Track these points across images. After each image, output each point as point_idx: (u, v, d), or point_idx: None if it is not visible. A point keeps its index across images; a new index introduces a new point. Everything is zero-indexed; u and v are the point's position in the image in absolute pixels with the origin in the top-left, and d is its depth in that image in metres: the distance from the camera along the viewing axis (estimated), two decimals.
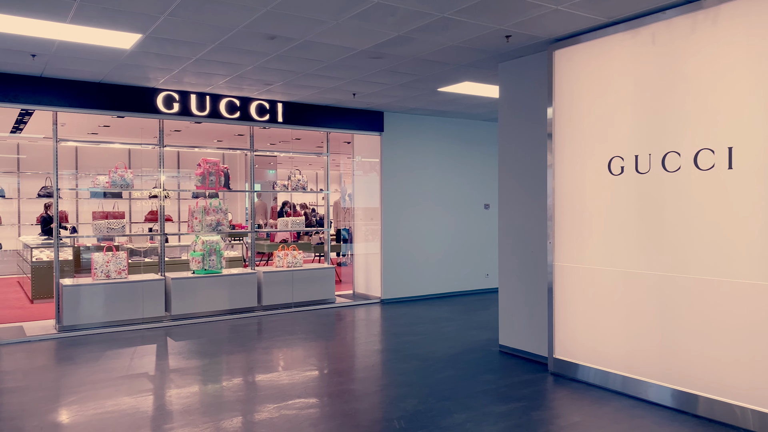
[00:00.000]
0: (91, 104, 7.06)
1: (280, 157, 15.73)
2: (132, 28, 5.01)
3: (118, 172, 7.61)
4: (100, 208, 13.34)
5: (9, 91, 6.54)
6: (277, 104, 8.25)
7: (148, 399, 4.76)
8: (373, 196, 9.43)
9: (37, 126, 9.58)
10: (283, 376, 5.39)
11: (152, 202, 13.12)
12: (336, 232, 12.32)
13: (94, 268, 7.29)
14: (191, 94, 7.60)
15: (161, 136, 7.88)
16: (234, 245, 12.57)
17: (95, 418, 4.32)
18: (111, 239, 10.05)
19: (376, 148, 9.27)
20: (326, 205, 9.63)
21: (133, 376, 5.39)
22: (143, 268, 8.68)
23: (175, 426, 4.14)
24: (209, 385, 5.19)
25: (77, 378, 5.35)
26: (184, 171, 14.43)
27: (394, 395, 4.80)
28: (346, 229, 12.59)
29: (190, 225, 8.10)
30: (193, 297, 7.73)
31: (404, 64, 6.27)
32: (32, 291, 9.10)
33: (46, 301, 8.86)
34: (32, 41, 5.35)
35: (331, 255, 9.47)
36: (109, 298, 7.20)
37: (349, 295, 9.60)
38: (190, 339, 6.80)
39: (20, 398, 4.80)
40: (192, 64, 6.28)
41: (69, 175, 13.26)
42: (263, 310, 8.25)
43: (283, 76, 6.81)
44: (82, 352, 6.23)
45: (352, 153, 9.80)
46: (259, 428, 4.10)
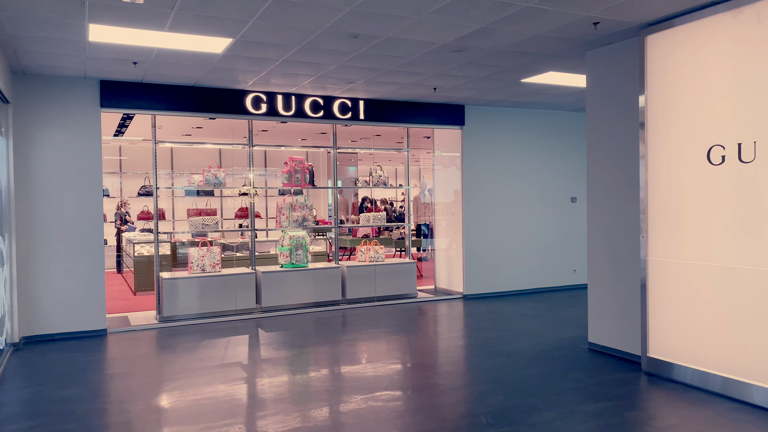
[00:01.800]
0: (186, 107, 7.47)
1: (360, 153, 15.99)
2: (223, 33, 5.25)
3: (212, 171, 8.01)
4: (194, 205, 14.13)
5: (113, 97, 7.03)
6: (358, 102, 8.38)
7: (242, 387, 5.00)
8: (453, 191, 9.38)
9: (136, 129, 10.23)
10: (369, 368, 5.49)
11: (242, 200, 13.73)
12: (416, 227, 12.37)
13: (191, 262, 7.71)
14: (278, 95, 7.86)
15: (250, 136, 8.21)
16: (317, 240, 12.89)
17: (195, 403, 4.58)
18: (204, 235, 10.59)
19: (457, 142, 9.21)
20: (407, 200, 9.67)
21: (228, 365, 5.67)
22: (235, 262, 9.08)
23: (268, 413, 4.32)
24: (298, 375, 5.38)
25: (177, 366, 5.70)
26: (270, 169, 14.96)
27: (480, 390, 4.78)
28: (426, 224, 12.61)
29: (278, 221, 8.40)
30: (282, 290, 8.02)
31: (486, 57, 6.19)
32: (135, 283, 9.75)
33: (148, 293, 9.47)
34: (134, 50, 5.73)
35: (411, 250, 9.52)
36: (204, 291, 7.61)
37: (431, 290, 9.61)
38: (279, 330, 7.06)
39: (127, 383, 5.18)
40: (278, 66, 6.49)
41: (165, 174, 14.08)
42: (347, 304, 8.42)
43: (364, 73, 6.90)
44: (180, 341, 6.62)
45: (432, 148, 9.79)
46: (347, 418, 4.20)
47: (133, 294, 9.69)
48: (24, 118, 6.59)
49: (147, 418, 4.31)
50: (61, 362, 5.79)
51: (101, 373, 5.56)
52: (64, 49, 5.64)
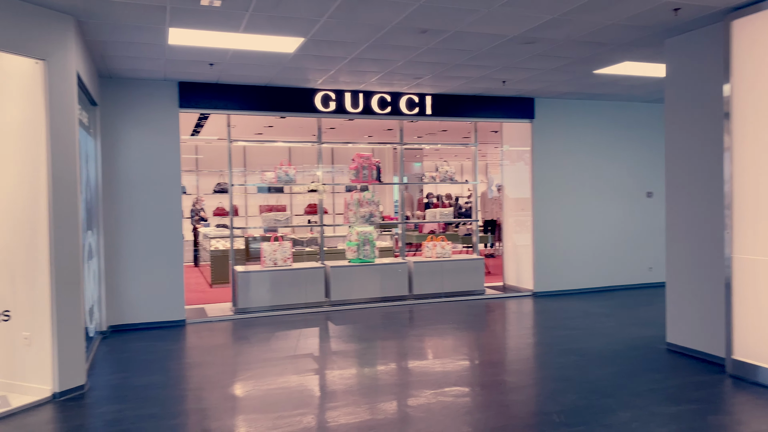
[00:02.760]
0: (258, 106, 7.70)
1: (426, 149, 15.96)
2: (295, 32, 5.37)
3: (283, 168, 8.22)
4: (266, 202, 14.55)
5: (191, 98, 7.34)
6: (425, 97, 8.37)
7: (313, 378, 5.12)
8: (522, 186, 9.21)
9: (211, 128, 10.64)
10: (437, 363, 5.50)
11: (310, 196, 14.02)
12: (484, 223, 12.23)
13: (263, 256, 7.96)
14: (345, 93, 7.97)
15: (319, 134, 8.36)
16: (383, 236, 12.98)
17: (269, 393, 4.73)
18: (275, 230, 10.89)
19: (526, 135, 9.03)
20: (474, 195, 9.58)
21: (300, 356, 5.82)
22: (305, 257, 9.29)
23: (339, 405, 4.41)
24: (368, 368, 5.45)
25: (252, 356, 5.90)
26: (337, 166, 15.19)
27: (551, 389, 4.68)
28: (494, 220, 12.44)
29: (346, 216, 8.52)
30: (350, 284, 8.14)
31: (558, 48, 6.03)
32: (211, 276, 10.16)
33: (223, 285, 9.84)
34: (211, 51, 5.96)
35: (479, 246, 9.43)
36: (276, 284, 7.83)
37: (499, 286, 9.49)
38: (347, 324, 7.18)
39: (205, 371, 5.41)
40: (347, 64, 6.58)
41: (238, 172, 14.55)
42: (414, 299, 8.44)
43: (432, 68, 6.89)
44: (254, 332, 6.84)
45: (501, 142, 9.64)
46: (417, 412, 4.22)
47: (209, 286, 10.10)
48: (110, 119, 6.98)
49: (224, 406, 4.49)
50: (145, 350, 6.12)
51: (181, 361, 5.83)
52: (146, 52, 5.94)
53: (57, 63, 4.61)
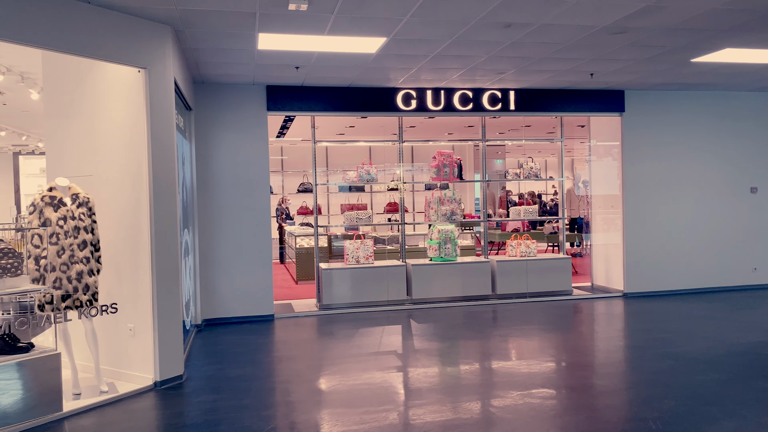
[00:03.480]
0: (341, 107, 7.84)
1: (508, 146, 15.64)
2: (378, 32, 5.42)
3: (365, 168, 8.33)
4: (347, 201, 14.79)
5: (278, 101, 7.59)
6: (508, 92, 8.21)
7: (397, 375, 5.15)
8: (611, 182, 8.83)
9: (295, 130, 10.94)
10: (523, 364, 5.38)
11: (390, 195, 14.10)
12: (570, 221, 11.84)
13: (346, 254, 8.10)
14: (427, 90, 7.96)
15: (400, 133, 8.40)
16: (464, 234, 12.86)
17: (354, 388, 4.81)
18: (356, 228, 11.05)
19: (616, 130, 8.65)
20: (561, 193, 9.29)
21: (384, 353, 5.87)
22: (386, 255, 9.36)
23: (424, 402, 4.41)
24: (452, 367, 5.42)
25: (337, 351, 6.02)
26: (417, 164, 15.20)
27: (647, 394, 4.46)
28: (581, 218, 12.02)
29: (427, 215, 8.51)
30: (431, 283, 8.12)
31: (651, 37, 5.74)
32: (296, 273, 10.46)
33: (308, 282, 10.11)
34: (297, 55, 6.13)
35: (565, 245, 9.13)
36: (359, 281, 7.95)
37: (587, 287, 9.16)
38: (430, 322, 7.17)
39: (293, 365, 5.58)
40: (428, 62, 6.57)
41: (321, 172, 14.88)
42: (497, 299, 8.31)
43: (516, 63, 6.74)
44: (339, 328, 6.98)
45: (588, 137, 9.29)
46: (504, 413, 4.15)
47: (295, 283, 10.41)
48: (203, 123, 7.34)
49: (311, 399, 4.61)
50: (236, 343, 6.39)
51: (270, 354, 6.05)
52: (236, 58, 6.20)
53: (157, 71, 4.90)
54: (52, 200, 4.48)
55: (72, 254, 4.48)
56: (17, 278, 4.22)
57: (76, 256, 4.50)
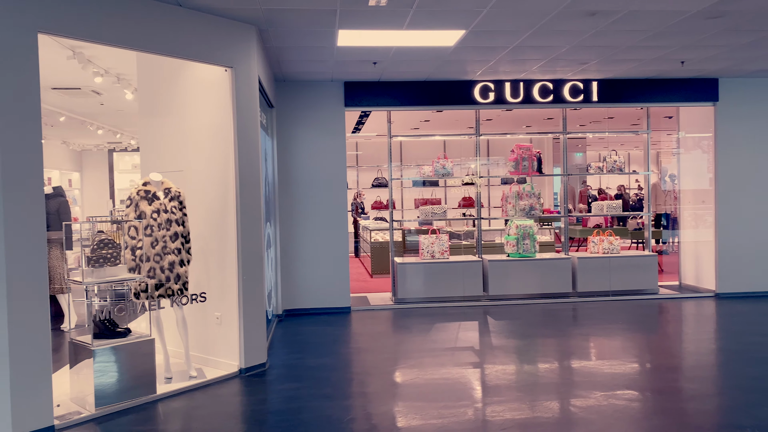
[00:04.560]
0: (417, 101, 7.84)
1: (589, 138, 15.12)
2: (456, 25, 5.38)
3: (440, 162, 8.30)
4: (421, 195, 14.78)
5: (355, 97, 7.68)
6: (591, 83, 7.92)
7: (475, 372, 5.11)
8: (701, 176, 8.35)
9: (370, 126, 11.05)
10: (605, 365, 5.20)
11: (465, 189, 13.97)
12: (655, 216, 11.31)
13: (421, 248, 8.10)
14: (505, 83, 7.81)
15: (477, 126, 8.30)
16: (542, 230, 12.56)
17: (431, 382, 4.81)
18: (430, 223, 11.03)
19: (708, 120, 8.16)
20: (646, 187, 8.89)
21: (460, 348, 5.84)
22: (462, 251, 9.29)
23: (503, 400, 4.35)
24: (531, 365, 5.32)
25: (413, 345, 6.04)
26: (493, 158, 14.97)
27: (743, 400, 4.20)
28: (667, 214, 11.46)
29: (504, 210, 8.37)
30: (508, 279, 7.99)
31: (750, 20, 5.36)
32: (371, 267, 10.58)
33: (383, 276, 10.19)
34: (375, 50, 6.18)
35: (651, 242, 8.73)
36: (434, 276, 7.93)
37: (674, 286, 8.71)
38: (507, 319, 7.06)
39: (370, 357, 5.65)
40: (507, 53, 6.45)
41: (395, 166, 14.95)
42: (577, 297, 8.06)
43: (600, 53, 6.50)
44: (414, 322, 7.00)
45: (677, 128, 8.82)
46: (587, 414, 4.03)
47: (370, 276, 10.53)
48: (284, 119, 7.55)
49: (389, 392, 4.66)
50: (315, 334, 6.55)
51: (348, 346, 6.15)
52: (316, 55, 6.32)
53: (242, 70, 5.08)
54: (146, 194, 4.74)
55: (165, 245, 4.74)
56: (116, 267, 4.52)
57: (168, 247, 4.75)
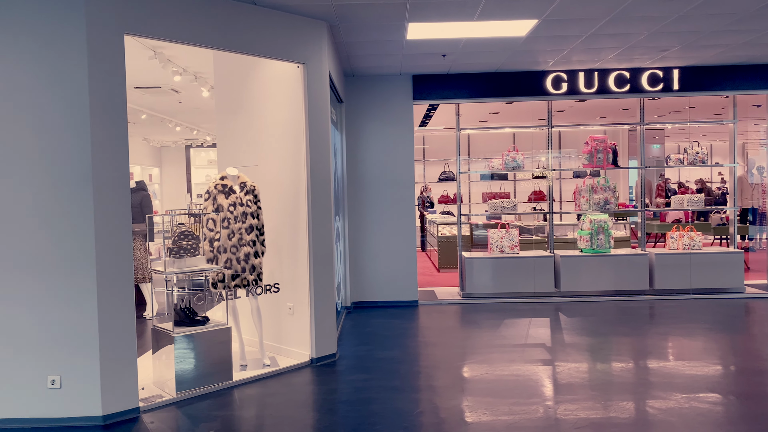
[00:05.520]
0: (486, 93, 7.72)
1: (668, 129, 14.44)
2: (529, 14, 5.25)
3: (510, 155, 8.15)
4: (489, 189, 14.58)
5: (423, 90, 7.66)
6: (671, 71, 7.54)
7: (546, 369, 5.00)
8: None
9: (437, 119, 10.98)
10: (686, 366, 4.95)
11: (534, 183, 13.65)
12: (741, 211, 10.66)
13: (490, 243, 7.99)
14: (579, 72, 7.57)
15: (549, 117, 8.09)
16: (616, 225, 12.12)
17: (501, 378, 4.75)
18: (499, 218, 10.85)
19: None
20: (732, 180, 8.39)
21: (531, 345, 5.73)
22: (533, 245, 9.10)
23: (576, 398, 4.24)
24: (605, 363, 5.15)
25: (482, 341, 5.98)
26: (564, 151, 14.55)
27: None
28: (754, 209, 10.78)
29: (577, 204, 8.12)
30: (581, 275, 7.75)
31: None
32: (438, 261, 10.55)
33: (450, 270, 10.15)
34: (444, 43, 6.13)
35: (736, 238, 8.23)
36: (503, 271, 7.81)
37: (763, 285, 8.19)
38: (580, 316, 6.86)
39: (438, 351, 5.64)
40: (582, 42, 6.24)
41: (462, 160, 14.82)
42: (655, 294, 7.72)
43: (681, 39, 6.17)
44: (483, 317, 6.93)
45: (767, 117, 8.27)
46: (667, 416, 3.86)
47: (437, 270, 10.50)
48: (353, 114, 7.63)
49: (458, 386, 4.64)
50: (384, 326, 6.60)
51: (416, 339, 6.16)
52: (385, 49, 6.34)
53: (314, 66, 5.16)
54: (223, 188, 4.92)
55: (240, 237, 4.90)
56: (195, 258, 4.71)
57: (243, 239, 4.91)
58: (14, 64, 3.87)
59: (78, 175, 3.89)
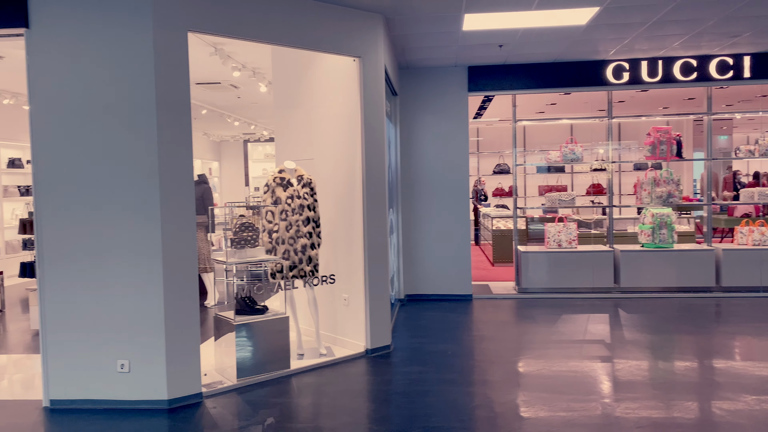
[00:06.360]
0: (544, 84, 7.56)
1: (736, 119, 13.77)
2: (589, 2, 5.10)
3: (569, 147, 7.96)
4: (545, 182, 14.31)
5: (478, 81, 7.57)
6: (742, 58, 7.18)
7: (605, 366, 4.88)
8: None
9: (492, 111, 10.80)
10: (756, 366, 4.73)
11: (593, 175, 13.29)
12: None
13: (547, 237, 7.84)
14: (641, 61, 7.30)
15: (609, 108, 7.85)
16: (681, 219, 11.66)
17: (558, 374, 4.67)
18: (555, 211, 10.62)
19: None
20: None
21: (589, 341, 5.60)
22: (592, 240, 8.87)
23: (637, 397, 4.12)
24: (668, 362, 4.98)
25: (538, 336, 5.89)
26: (624, 142, 14.09)
27: None
28: None
29: (639, 197, 7.86)
30: (643, 271, 7.51)
31: None
32: (493, 255, 10.43)
33: (504, 264, 10.03)
34: (501, 33, 6.04)
35: None
36: (560, 266, 7.65)
37: None
38: (641, 313, 6.65)
39: (493, 346, 5.58)
40: (645, 30, 6.02)
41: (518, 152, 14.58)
42: (721, 292, 7.40)
43: (753, 23, 5.87)
44: (539, 312, 6.82)
45: None
46: (737, 418, 3.71)
47: (491, 265, 10.39)
48: (407, 106, 7.62)
49: (514, 381, 4.59)
50: (437, 320, 6.59)
51: (471, 333, 6.13)
52: (441, 41, 6.30)
53: (369, 59, 5.19)
54: (282, 181, 5.02)
55: (298, 229, 4.99)
56: (255, 249, 4.83)
57: (301, 231, 5.00)
58: (88, 66, 4.06)
59: (146, 168, 4.05)
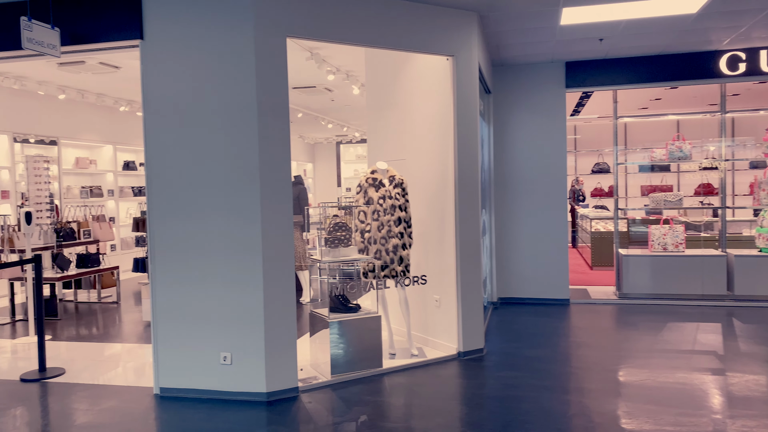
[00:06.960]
0: (647, 78, 7.14)
1: None
2: None
3: (676, 144, 7.48)
4: (648, 181, 13.54)
5: (577, 77, 7.28)
6: None
7: (717, 379, 4.53)
8: None
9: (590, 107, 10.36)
10: None
11: (702, 175, 12.40)
12: None
13: (651, 240, 7.41)
14: (761, 51, 6.72)
15: (723, 102, 7.29)
16: None
17: (664, 385, 4.38)
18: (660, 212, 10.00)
19: None
20: None
21: (699, 352, 5.23)
22: (701, 243, 8.29)
23: (755, 414, 3.79)
24: None
25: (641, 344, 5.56)
26: (738, 139, 13.05)
27: None
28: None
29: (756, 197, 7.25)
30: (760, 278, 6.91)
31: None
32: (591, 258, 10.00)
33: (604, 268, 9.58)
34: (601, 26, 5.77)
35: None
36: (666, 271, 7.21)
37: None
38: (758, 323, 6.12)
39: (591, 353, 5.34)
40: (765, 16, 5.53)
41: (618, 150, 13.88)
42: None
43: None
44: (642, 319, 6.45)
45: None
46: None
47: (589, 268, 9.96)
48: (501, 105, 7.46)
49: (614, 391, 4.36)
50: (532, 324, 6.40)
51: (567, 339, 5.90)
52: (537, 37, 6.11)
53: (463, 58, 5.13)
54: (374, 181, 5.07)
55: (389, 229, 5.02)
56: (348, 248, 4.92)
57: (392, 231, 5.03)
58: (195, 73, 4.31)
59: (247, 169, 4.23)
